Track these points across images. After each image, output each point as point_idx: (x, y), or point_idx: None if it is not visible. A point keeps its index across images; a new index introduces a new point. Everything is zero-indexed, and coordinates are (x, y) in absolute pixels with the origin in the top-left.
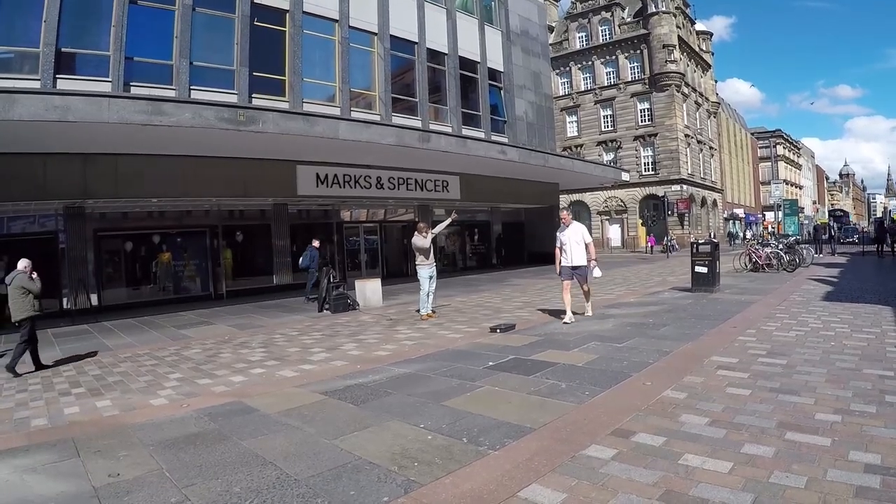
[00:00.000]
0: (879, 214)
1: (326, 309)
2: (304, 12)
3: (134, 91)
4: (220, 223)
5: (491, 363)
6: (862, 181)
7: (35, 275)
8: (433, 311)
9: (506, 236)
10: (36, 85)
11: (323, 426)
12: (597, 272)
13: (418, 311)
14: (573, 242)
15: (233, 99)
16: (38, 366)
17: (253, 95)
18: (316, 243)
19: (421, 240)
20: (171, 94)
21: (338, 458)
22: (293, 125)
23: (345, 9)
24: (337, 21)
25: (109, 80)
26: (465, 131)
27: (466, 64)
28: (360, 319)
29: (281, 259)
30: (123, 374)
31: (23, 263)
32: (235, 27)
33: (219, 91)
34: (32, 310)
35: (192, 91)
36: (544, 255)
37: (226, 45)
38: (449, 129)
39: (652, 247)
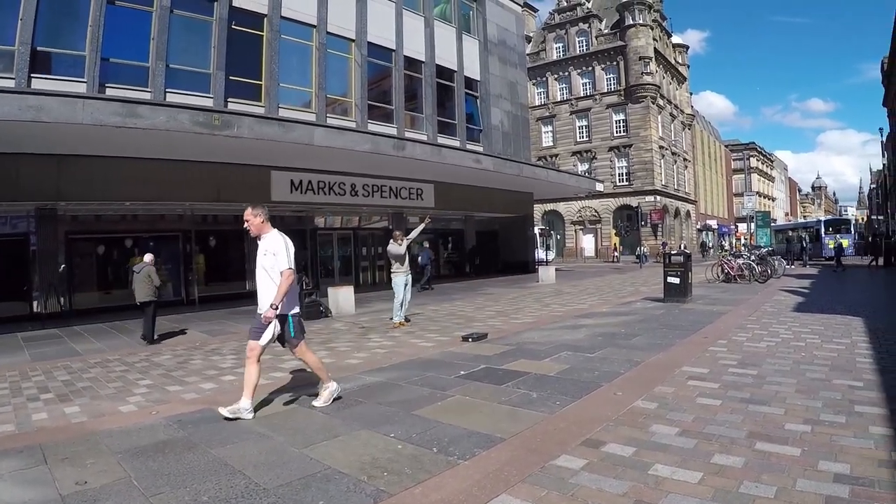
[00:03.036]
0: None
1: None
2: (282, 17)
3: (109, 92)
4: (193, 228)
5: (462, 372)
6: (834, 193)
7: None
8: (406, 320)
9: (479, 245)
10: (10, 84)
11: (292, 435)
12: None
13: (391, 318)
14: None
15: (208, 103)
16: (153, 339)
17: (229, 99)
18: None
19: (396, 247)
20: (146, 96)
21: (307, 467)
22: (268, 130)
23: (323, 14)
24: (315, 27)
25: (84, 80)
26: (441, 139)
27: (443, 72)
28: (332, 327)
29: (254, 265)
30: (93, 380)
31: (149, 257)
32: (213, 30)
33: (194, 94)
34: (153, 295)
35: (167, 94)
36: (518, 264)
37: (203, 48)
38: (424, 137)
39: (617, 256)
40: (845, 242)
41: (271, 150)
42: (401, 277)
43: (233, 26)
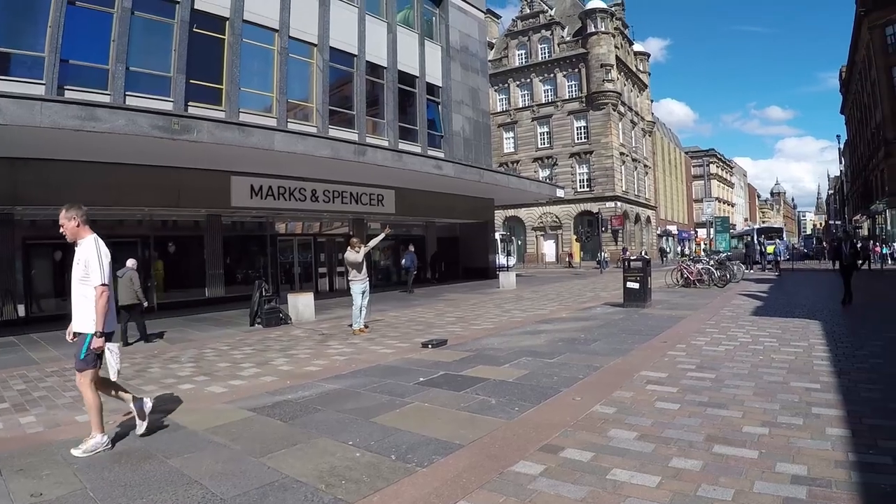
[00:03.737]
0: (809, 231)
1: (258, 323)
2: (244, 21)
3: (68, 95)
4: (152, 233)
5: (421, 379)
6: (793, 199)
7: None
8: (366, 326)
9: (441, 251)
10: None
11: (250, 444)
12: (113, 362)
13: (351, 325)
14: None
15: (168, 106)
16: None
17: (189, 103)
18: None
19: (353, 255)
20: (105, 99)
21: (265, 476)
22: (228, 135)
23: (285, 19)
24: (277, 31)
25: (43, 82)
26: (402, 145)
27: (405, 78)
28: (291, 334)
29: (214, 271)
30: (49, 389)
31: (131, 262)
32: (174, 33)
33: (154, 98)
34: (136, 298)
35: (127, 97)
36: (479, 270)
37: (163, 51)
38: (385, 143)
39: (571, 261)
40: (770, 248)
41: (231, 154)
42: (358, 285)
43: (194, 29)
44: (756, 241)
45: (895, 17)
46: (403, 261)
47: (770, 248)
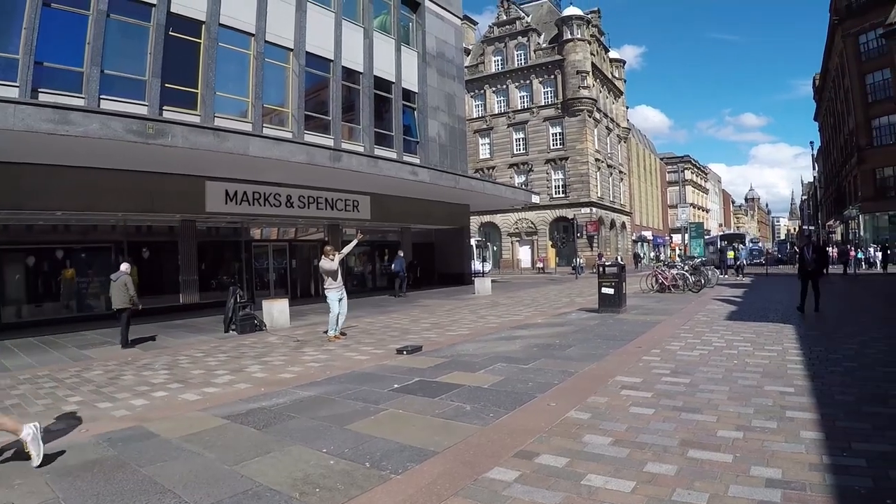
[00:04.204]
0: (783, 237)
1: (233, 329)
2: (220, 24)
3: (42, 98)
4: (125, 239)
5: (396, 385)
6: (767, 205)
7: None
8: (341, 333)
9: (416, 257)
10: None
11: (224, 452)
12: None
13: (326, 332)
14: None
15: (143, 110)
16: (126, 344)
17: (164, 108)
18: None
19: (328, 263)
20: (80, 102)
21: (238, 484)
22: (203, 140)
23: (262, 23)
24: (253, 35)
25: (17, 85)
26: (378, 151)
27: (381, 84)
28: (266, 341)
29: (188, 277)
30: (21, 397)
31: (125, 266)
32: (150, 36)
33: (129, 102)
34: (129, 302)
35: (101, 101)
36: (454, 276)
37: (139, 54)
38: (361, 149)
39: (542, 268)
40: (731, 254)
41: (206, 159)
42: (334, 293)
43: (170, 33)
44: (720, 248)
45: (868, 26)
46: (394, 265)
47: (731, 254)
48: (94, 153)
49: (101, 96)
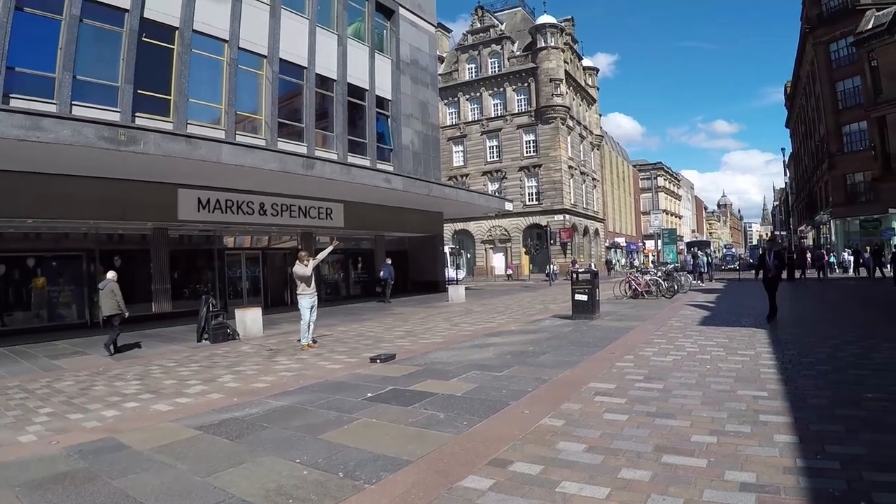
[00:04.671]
0: (755, 242)
1: (205, 339)
2: (193, 31)
3: (13, 104)
4: (97, 247)
5: (370, 394)
6: (739, 211)
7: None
8: (314, 341)
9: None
10: None
11: (196, 463)
12: None
13: (299, 340)
14: None
15: (115, 117)
16: (115, 351)
17: (136, 114)
18: None
19: (302, 268)
20: (51, 108)
21: (210, 496)
22: (175, 147)
23: (235, 29)
24: (227, 41)
25: None
26: (351, 159)
27: (355, 91)
28: (239, 350)
29: (160, 286)
30: None
31: (111, 274)
32: (123, 42)
33: (101, 108)
34: (118, 308)
35: (73, 107)
36: (428, 284)
37: (111, 60)
38: (334, 156)
39: (510, 275)
40: (691, 259)
41: (178, 167)
42: (307, 299)
43: (143, 38)
44: (692, 254)
45: (839, 35)
46: (382, 272)
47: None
48: (66, 160)
49: (74, 102)
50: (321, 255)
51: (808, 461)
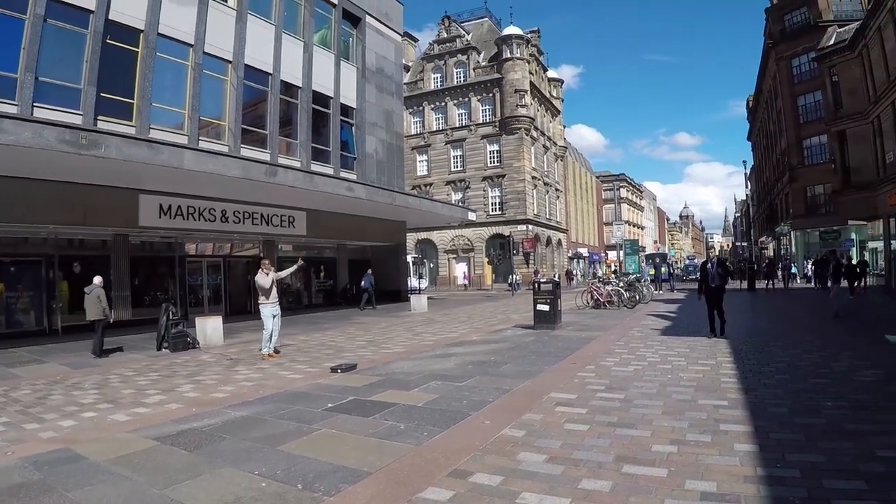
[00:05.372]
0: (717, 252)
1: (165, 347)
2: (158, 34)
3: None
4: (57, 253)
5: (330, 405)
6: (701, 222)
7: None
8: (276, 351)
9: (352, 274)
10: None
11: (153, 474)
12: None
13: (260, 349)
14: None
15: (78, 120)
16: (101, 353)
17: (99, 117)
18: None
19: (263, 278)
20: (12, 110)
21: None
22: (137, 152)
23: (201, 33)
24: (192, 46)
25: None
26: (314, 166)
27: (320, 98)
28: (199, 359)
29: (120, 293)
30: None
31: (98, 280)
32: (87, 44)
33: (63, 110)
34: (103, 314)
35: (35, 108)
36: (391, 293)
37: (75, 61)
38: (298, 164)
39: (467, 284)
40: (651, 271)
41: (140, 172)
42: (268, 308)
43: (107, 40)
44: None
45: (801, 50)
46: (363, 282)
47: (651, 271)
48: (26, 163)
49: (35, 104)
50: (284, 273)
51: (769, 470)
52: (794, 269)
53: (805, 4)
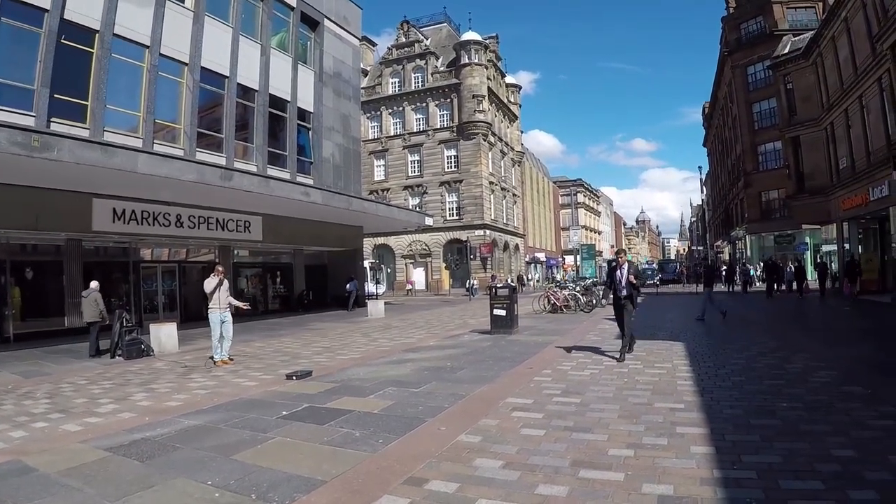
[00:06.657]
0: (672, 256)
1: (119, 355)
2: (114, 34)
3: None
4: (8, 258)
5: (285, 412)
6: (657, 227)
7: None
8: (230, 358)
9: (309, 279)
10: None
11: (105, 486)
12: None
13: (212, 357)
14: None
15: (30, 122)
16: (97, 353)
17: (52, 119)
18: None
19: (207, 284)
20: None
21: None
22: (90, 155)
23: (157, 35)
24: (148, 47)
25: None
26: (271, 171)
27: (276, 102)
28: (153, 367)
29: (74, 299)
30: None
31: (94, 284)
32: (41, 43)
33: (16, 112)
34: (98, 317)
35: None
36: (348, 299)
37: (28, 61)
38: (254, 168)
39: (411, 289)
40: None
41: (93, 175)
42: (215, 314)
43: (62, 41)
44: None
45: (756, 58)
46: (348, 286)
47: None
48: None
49: None
50: (228, 298)
51: (725, 472)
52: (753, 273)
53: (761, 14)
